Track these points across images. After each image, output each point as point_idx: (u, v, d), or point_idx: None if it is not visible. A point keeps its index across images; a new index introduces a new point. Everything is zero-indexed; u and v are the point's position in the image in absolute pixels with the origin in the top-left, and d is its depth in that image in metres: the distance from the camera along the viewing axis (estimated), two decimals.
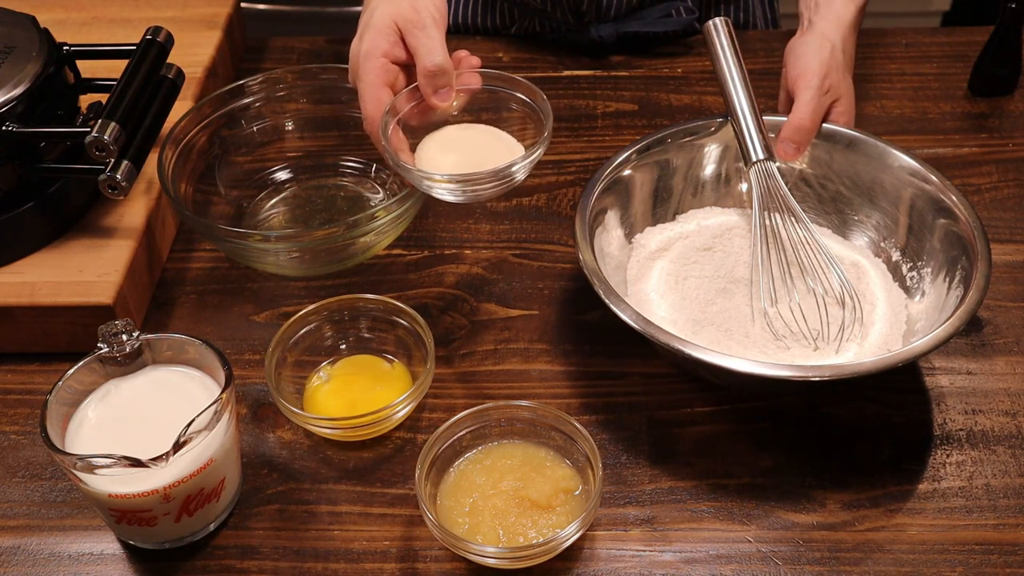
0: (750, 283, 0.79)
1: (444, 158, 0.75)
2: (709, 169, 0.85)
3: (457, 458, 0.72)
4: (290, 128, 0.93)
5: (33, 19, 0.86)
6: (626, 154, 0.81)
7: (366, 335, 0.80)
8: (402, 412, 0.74)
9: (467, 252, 0.88)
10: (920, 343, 0.69)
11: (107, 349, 0.70)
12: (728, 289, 0.79)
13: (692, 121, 0.84)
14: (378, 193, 0.91)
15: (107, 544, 0.72)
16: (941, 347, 0.68)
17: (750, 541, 0.70)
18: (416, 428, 0.77)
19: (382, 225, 0.80)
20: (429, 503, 0.68)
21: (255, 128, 0.92)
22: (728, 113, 0.82)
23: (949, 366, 0.79)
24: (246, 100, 0.90)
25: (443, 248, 0.89)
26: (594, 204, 0.78)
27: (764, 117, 0.82)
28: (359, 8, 0.82)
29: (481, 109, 0.78)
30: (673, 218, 0.85)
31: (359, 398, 0.76)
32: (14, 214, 0.81)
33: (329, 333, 0.80)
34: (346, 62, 0.79)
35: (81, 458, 0.64)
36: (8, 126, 0.79)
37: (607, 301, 0.72)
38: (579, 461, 0.71)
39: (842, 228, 0.84)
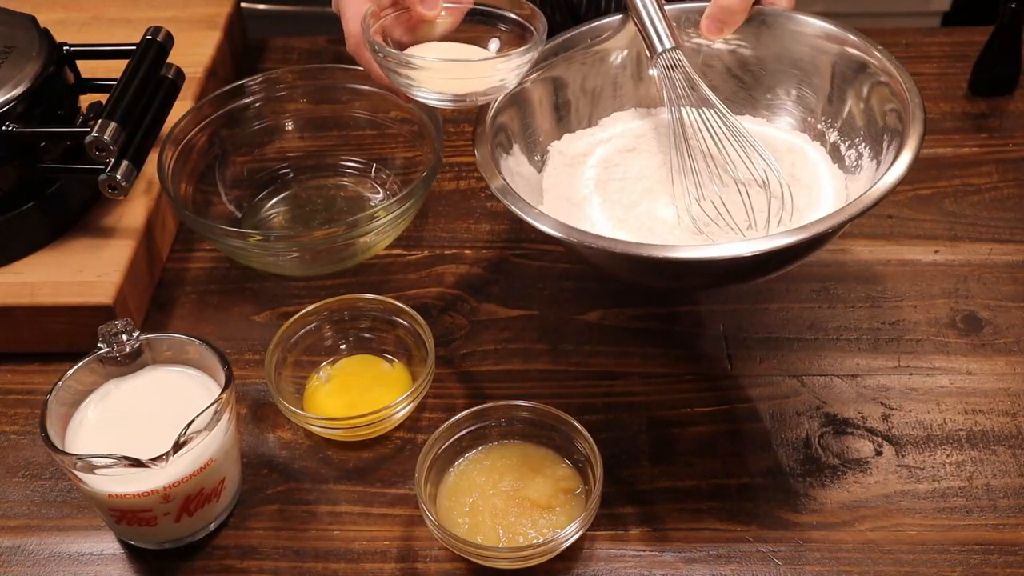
0: (672, 183, 0.75)
1: (430, 53, 0.72)
2: (626, 69, 0.81)
3: (457, 458, 0.72)
4: (290, 128, 0.93)
5: (33, 19, 0.86)
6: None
7: (366, 335, 0.80)
8: (402, 412, 0.74)
9: (467, 252, 0.88)
10: (838, 211, 0.65)
11: (107, 349, 0.70)
12: (654, 189, 0.76)
13: (592, 22, 0.80)
14: (378, 193, 0.91)
15: (107, 544, 0.72)
16: (863, 214, 0.65)
17: (750, 541, 0.70)
18: (416, 428, 0.77)
19: (382, 225, 0.80)
20: (429, 503, 0.68)
21: (255, 128, 0.92)
22: (627, 6, 0.78)
23: (949, 366, 0.79)
24: (246, 100, 0.90)
25: (443, 248, 0.89)
26: (493, 124, 0.74)
27: (687, 3, 0.78)
28: None
29: (469, 34, 0.75)
30: (595, 124, 0.81)
31: (359, 398, 0.76)
32: (14, 214, 0.81)
33: (329, 333, 0.80)
34: (346, 62, 0.79)
35: (81, 458, 0.64)
36: (8, 126, 0.79)
37: (520, 212, 0.68)
38: (579, 461, 0.71)
39: (769, 113, 0.80)
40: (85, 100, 0.87)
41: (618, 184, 0.76)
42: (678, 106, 0.76)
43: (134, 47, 0.86)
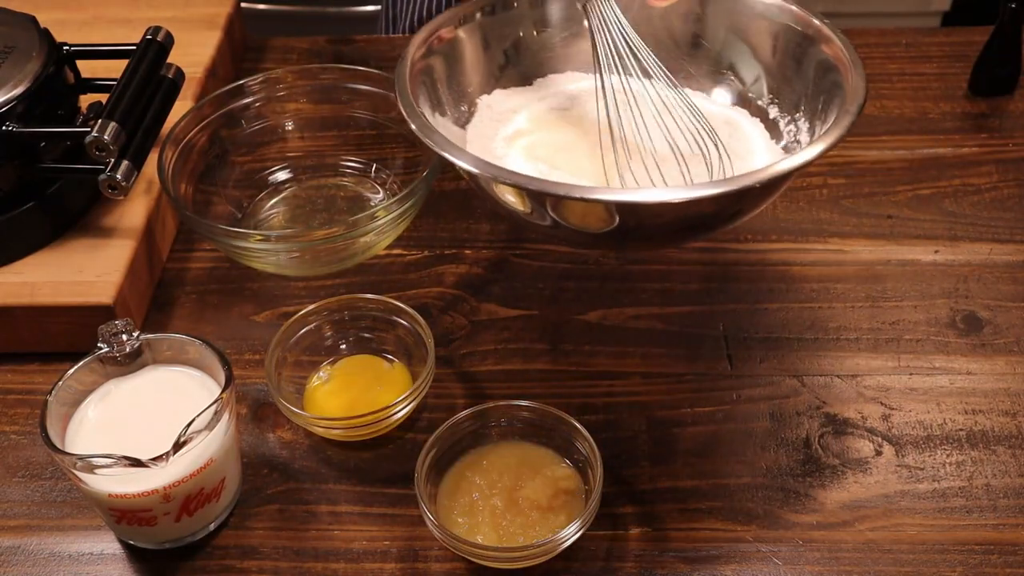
0: (600, 146, 0.74)
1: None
2: (568, 28, 0.79)
3: (457, 458, 0.72)
4: (290, 128, 0.93)
5: (33, 19, 0.86)
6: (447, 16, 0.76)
7: (366, 335, 0.80)
8: (402, 412, 0.74)
9: (467, 252, 0.88)
10: (767, 166, 0.64)
11: (107, 349, 0.70)
12: (581, 150, 0.74)
13: None
14: (378, 193, 0.91)
15: (107, 544, 0.72)
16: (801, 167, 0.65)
17: (750, 541, 0.70)
18: (416, 428, 0.77)
19: (382, 225, 0.80)
20: (429, 503, 0.68)
21: (255, 128, 0.92)
22: None
23: (949, 366, 0.79)
24: (246, 100, 0.90)
25: (443, 248, 0.89)
26: (417, 65, 0.73)
27: None
28: (359, 8, 0.82)
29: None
30: (529, 83, 0.80)
31: (359, 398, 0.76)
32: (14, 214, 0.81)
33: (329, 333, 0.80)
34: (345, 62, 0.79)
35: (81, 458, 0.64)
36: (8, 126, 0.79)
37: (445, 153, 0.66)
38: (579, 461, 0.71)
39: (710, 83, 0.79)
40: (85, 100, 0.87)
41: (545, 143, 0.75)
42: (609, 68, 0.73)
43: (134, 47, 0.86)
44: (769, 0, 0.77)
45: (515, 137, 0.76)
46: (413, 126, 0.68)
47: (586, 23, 0.75)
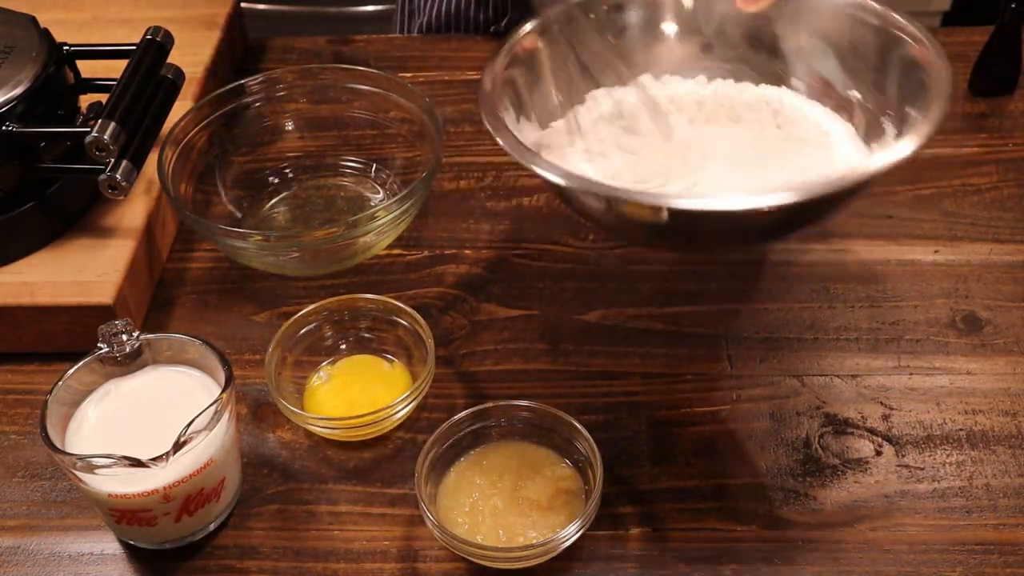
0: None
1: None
2: (643, 33, 0.80)
3: (457, 458, 0.72)
4: (290, 128, 0.93)
5: (33, 19, 0.86)
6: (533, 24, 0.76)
7: (366, 335, 0.80)
8: (402, 412, 0.74)
9: (467, 252, 0.88)
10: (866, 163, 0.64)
11: (107, 349, 0.70)
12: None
13: None
14: (378, 193, 0.91)
15: (107, 544, 0.72)
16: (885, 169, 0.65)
17: (750, 541, 0.70)
18: (416, 428, 0.77)
19: (382, 225, 0.80)
20: (429, 503, 0.68)
21: (255, 128, 0.92)
22: None
23: (949, 366, 0.79)
24: (246, 100, 0.90)
25: (443, 248, 0.89)
26: (501, 79, 0.73)
27: None
28: (359, 8, 0.82)
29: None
30: (624, 84, 0.80)
31: (359, 398, 0.76)
32: (14, 214, 0.81)
33: (329, 333, 0.80)
34: (345, 62, 0.79)
35: (81, 458, 0.64)
36: (8, 126, 0.79)
37: (529, 163, 0.65)
38: (579, 461, 0.71)
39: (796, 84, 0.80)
40: (85, 100, 0.87)
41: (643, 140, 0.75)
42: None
43: (134, 47, 0.86)
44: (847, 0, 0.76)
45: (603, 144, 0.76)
46: (501, 141, 0.68)
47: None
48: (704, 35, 0.79)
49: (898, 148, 0.66)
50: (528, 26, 0.77)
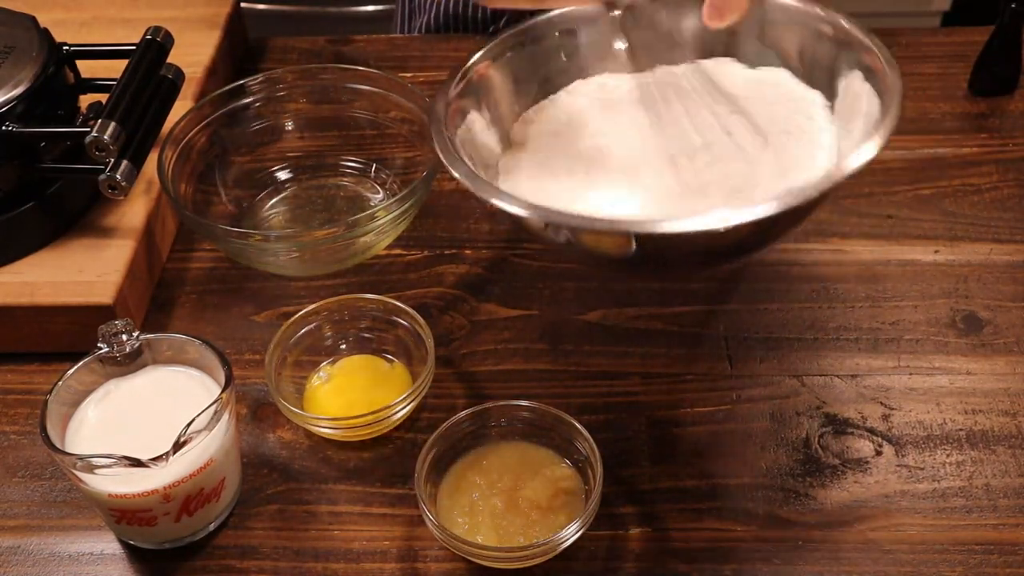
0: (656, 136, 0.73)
1: None
2: (593, 50, 0.80)
3: (457, 458, 0.72)
4: (290, 128, 0.93)
5: (33, 19, 0.86)
6: (479, 55, 0.77)
7: (366, 335, 0.80)
8: (402, 412, 0.74)
9: (467, 252, 0.88)
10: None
11: (107, 349, 0.70)
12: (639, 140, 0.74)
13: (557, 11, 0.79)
14: (378, 193, 0.91)
15: (107, 544, 0.72)
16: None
17: (750, 541, 0.70)
18: (416, 428, 0.77)
19: (382, 225, 0.80)
20: (429, 503, 0.68)
21: (255, 128, 0.92)
22: None
23: (949, 366, 0.79)
24: (246, 100, 0.90)
25: (443, 248, 0.89)
26: (452, 104, 0.73)
27: None
28: (359, 8, 0.82)
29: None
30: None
31: (359, 398, 0.76)
32: (14, 214, 0.81)
33: (329, 333, 0.80)
34: (345, 62, 0.79)
35: (81, 458, 0.64)
36: (8, 126, 0.79)
37: (486, 197, 0.65)
38: (579, 461, 0.71)
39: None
40: (85, 100, 0.87)
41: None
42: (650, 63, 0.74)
43: (134, 47, 0.86)
44: (797, 6, 0.76)
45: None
46: (456, 174, 0.68)
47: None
48: (655, 50, 0.78)
49: (866, 148, 0.66)
50: (478, 53, 0.77)
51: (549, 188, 0.73)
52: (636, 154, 0.74)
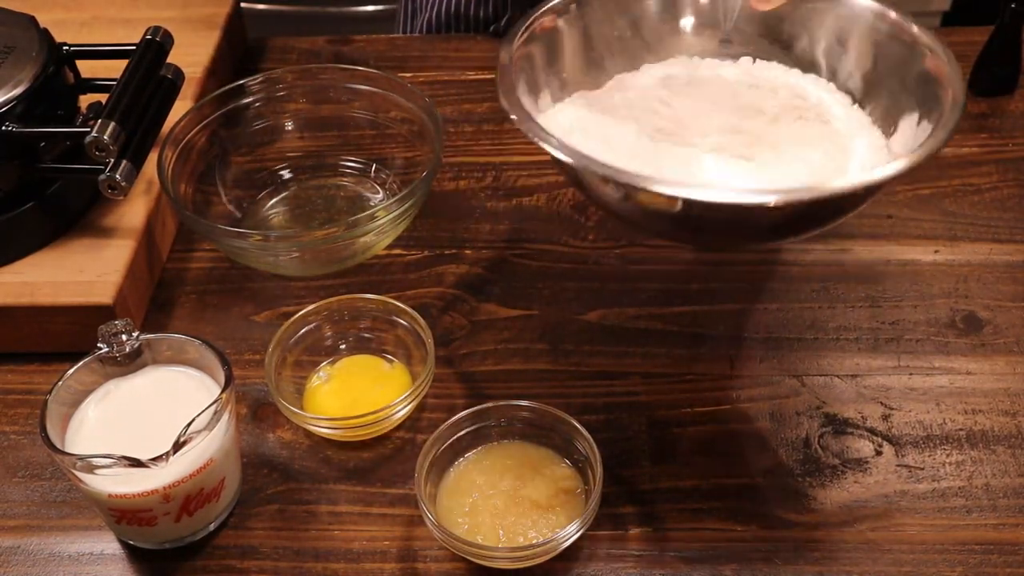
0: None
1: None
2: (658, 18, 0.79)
3: (457, 458, 0.72)
4: (290, 128, 0.93)
5: (33, 19, 0.86)
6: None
7: (366, 335, 0.80)
8: (402, 412, 0.74)
9: (467, 252, 0.88)
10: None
11: (107, 349, 0.70)
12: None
13: None
14: (378, 193, 0.91)
15: (107, 544, 0.72)
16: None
17: (750, 541, 0.70)
18: (416, 428, 0.77)
19: (382, 225, 0.80)
20: (429, 503, 0.68)
21: (255, 128, 0.92)
22: None
23: (949, 366, 0.79)
24: (246, 100, 0.90)
25: (443, 248, 0.89)
26: (517, 56, 0.71)
27: None
28: (359, 8, 0.82)
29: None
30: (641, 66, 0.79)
31: (359, 398, 0.76)
32: (14, 214, 0.81)
33: (329, 333, 0.80)
34: (345, 62, 0.79)
35: (81, 458, 0.64)
36: (8, 126, 0.79)
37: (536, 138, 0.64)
38: (579, 461, 0.71)
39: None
40: (85, 100, 0.87)
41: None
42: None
43: (134, 47, 0.86)
44: (868, 4, 0.75)
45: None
46: (513, 116, 0.66)
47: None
48: (721, 30, 0.78)
49: (913, 154, 0.65)
50: (547, 5, 0.76)
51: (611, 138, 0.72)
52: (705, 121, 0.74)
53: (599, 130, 0.72)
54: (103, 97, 0.83)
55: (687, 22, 0.80)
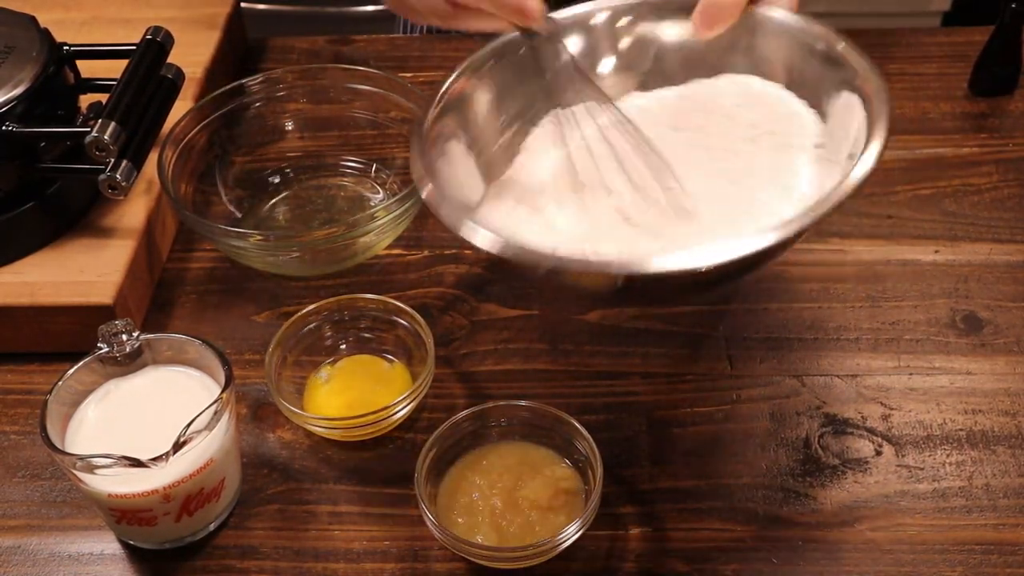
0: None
1: None
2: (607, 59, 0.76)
3: (457, 458, 0.72)
4: (290, 128, 0.93)
5: (33, 19, 0.86)
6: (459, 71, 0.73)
7: (366, 335, 0.80)
8: (402, 412, 0.74)
9: (467, 252, 0.88)
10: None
11: (107, 349, 0.70)
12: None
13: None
14: (378, 193, 0.91)
15: (107, 544, 0.72)
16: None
17: (750, 541, 0.70)
18: (416, 428, 0.77)
19: (382, 225, 0.80)
20: (429, 503, 0.68)
21: (255, 128, 0.92)
22: None
23: (949, 366, 0.79)
24: (246, 100, 0.90)
25: (443, 248, 0.89)
26: (432, 128, 0.70)
27: None
28: (359, 8, 0.82)
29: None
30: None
31: (359, 398, 0.76)
32: (14, 214, 0.81)
33: (329, 333, 0.80)
34: (345, 62, 0.79)
35: (81, 458, 0.64)
36: (8, 126, 0.79)
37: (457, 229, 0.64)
38: (579, 461, 0.71)
39: None
40: (85, 100, 0.87)
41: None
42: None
43: (134, 47, 0.86)
44: (788, 20, 0.73)
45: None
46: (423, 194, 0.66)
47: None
48: (640, 72, 0.75)
49: (858, 167, 0.64)
50: (457, 70, 0.74)
51: (522, 221, 0.71)
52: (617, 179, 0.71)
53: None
54: (103, 97, 0.83)
55: (604, 66, 0.77)
